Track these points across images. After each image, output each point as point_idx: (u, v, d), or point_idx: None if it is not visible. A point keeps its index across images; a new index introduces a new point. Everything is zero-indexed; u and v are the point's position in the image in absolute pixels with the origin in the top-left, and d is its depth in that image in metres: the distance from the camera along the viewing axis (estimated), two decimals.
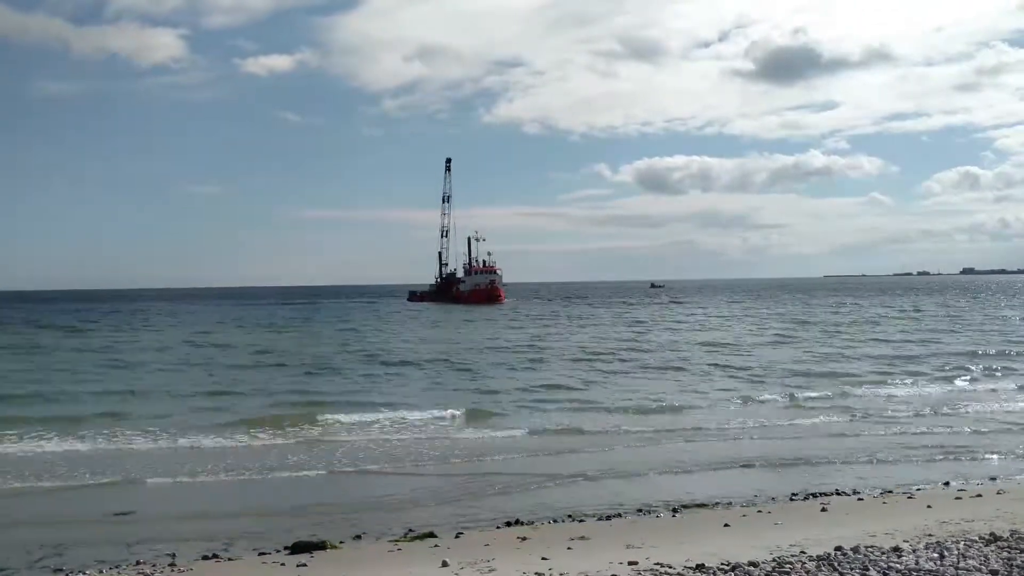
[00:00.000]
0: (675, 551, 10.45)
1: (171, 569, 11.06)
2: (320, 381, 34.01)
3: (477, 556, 10.74)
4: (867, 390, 29.96)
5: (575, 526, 13.04)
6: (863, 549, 10.07)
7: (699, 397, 28.58)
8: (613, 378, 34.40)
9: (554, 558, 10.44)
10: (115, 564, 11.45)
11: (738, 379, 33.51)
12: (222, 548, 12.20)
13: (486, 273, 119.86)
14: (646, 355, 43.44)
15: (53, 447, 20.07)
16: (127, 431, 21.76)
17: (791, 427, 22.89)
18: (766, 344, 49.61)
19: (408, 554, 11.37)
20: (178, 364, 40.73)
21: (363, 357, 43.55)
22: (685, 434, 21.75)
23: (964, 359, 39.75)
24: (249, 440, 21.13)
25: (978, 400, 27.54)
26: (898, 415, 24.55)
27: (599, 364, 39.37)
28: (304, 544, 11.90)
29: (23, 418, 23.87)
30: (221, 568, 11.19)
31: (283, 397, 29.13)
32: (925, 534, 10.95)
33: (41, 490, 16.22)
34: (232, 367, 39.30)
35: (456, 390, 30.96)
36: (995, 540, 10.35)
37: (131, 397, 29.02)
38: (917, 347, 46.13)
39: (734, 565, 9.48)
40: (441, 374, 36.31)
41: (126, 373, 36.78)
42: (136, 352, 47.51)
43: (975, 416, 24.22)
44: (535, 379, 33.83)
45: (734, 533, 11.81)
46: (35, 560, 11.78)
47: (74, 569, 11.25)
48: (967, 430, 21.95)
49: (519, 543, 11.68)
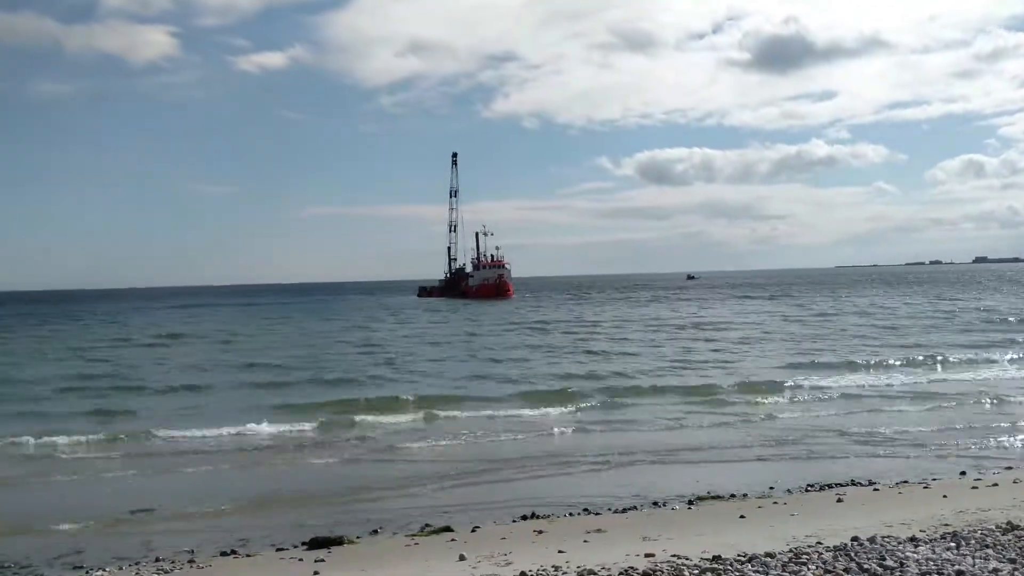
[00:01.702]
0: (691, 543, 10.47)
1: (190, 566, 11.14)
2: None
3: (494, 549, 10.78)
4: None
5: (591, 519, 13.06)
6: (879, 539, 10.07)
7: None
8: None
9: (570, 551, 10.47)
10: (134, 561, 11.53)
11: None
12: (240, 544, 12.28)
13: (494, 268, 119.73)
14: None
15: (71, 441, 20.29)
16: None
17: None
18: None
19: (425, 548, 11.42)
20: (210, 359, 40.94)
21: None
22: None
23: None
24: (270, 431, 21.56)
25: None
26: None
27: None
28: (321, 540, 11.94)
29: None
30: (239, 564, 11.25)
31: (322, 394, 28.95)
32: (942, 524, 10.94)
33: (59, 485, 16.38)
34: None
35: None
36: (1012, 529, 10.33)
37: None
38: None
39: (751, 556, 9.48)
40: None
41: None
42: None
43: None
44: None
45: (750, 524, 11.81)
46: (55, 557, 11.87)
47: (94, 566, 11.33)
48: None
49: (535, 536, 11.72)
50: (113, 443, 20.39)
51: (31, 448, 19.94)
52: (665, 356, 39.27)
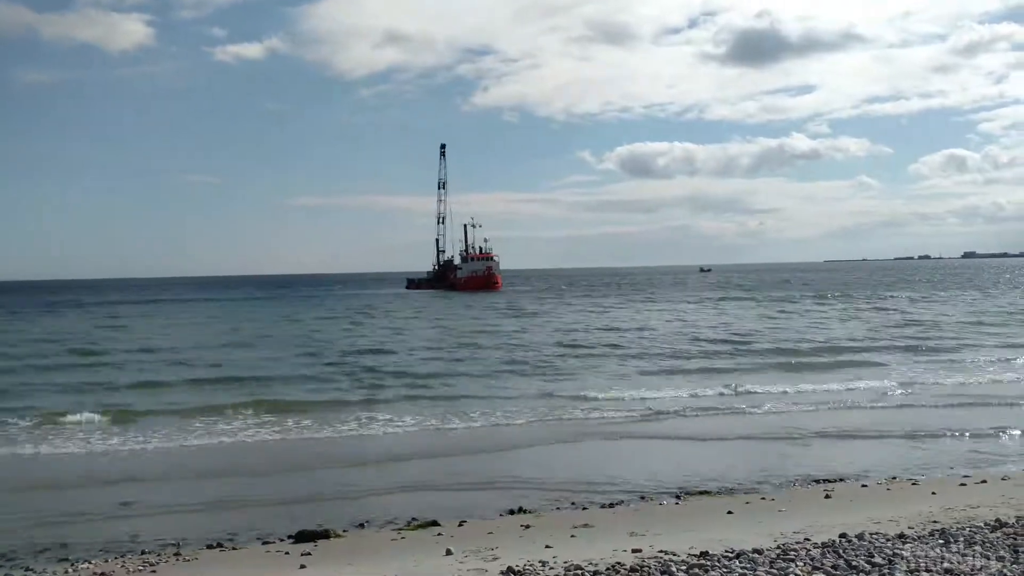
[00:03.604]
0: (679, 538, 10.44)
1: (176, 559, 11.06)
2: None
3: (481, 544, 10.74)
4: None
5: (578, 513, 13.03)
6: (868, 536, 10.05)
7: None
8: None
9: (557, 546, 10.42)
10: (120, 554, 11.44)
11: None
12: (227, 537, 12.20)
13: (483, 260, 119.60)
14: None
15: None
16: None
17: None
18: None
19: (412, 542, 11.37)
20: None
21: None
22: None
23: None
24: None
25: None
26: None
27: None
28: (308, 533, 11.89)
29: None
30: (226, 557, 11.19)
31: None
32: (930, 521, 10.94)
33: (45, 481, 16.27)
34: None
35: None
36: (1001, 526, 10.32)
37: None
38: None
39: (738, 552, 9.45)
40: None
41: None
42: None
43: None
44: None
45: (738, 520, 11.81)
46: (40, 551, 11.77)
47: (80, 559, 11.24)
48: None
49: (522, 531, 11.68)
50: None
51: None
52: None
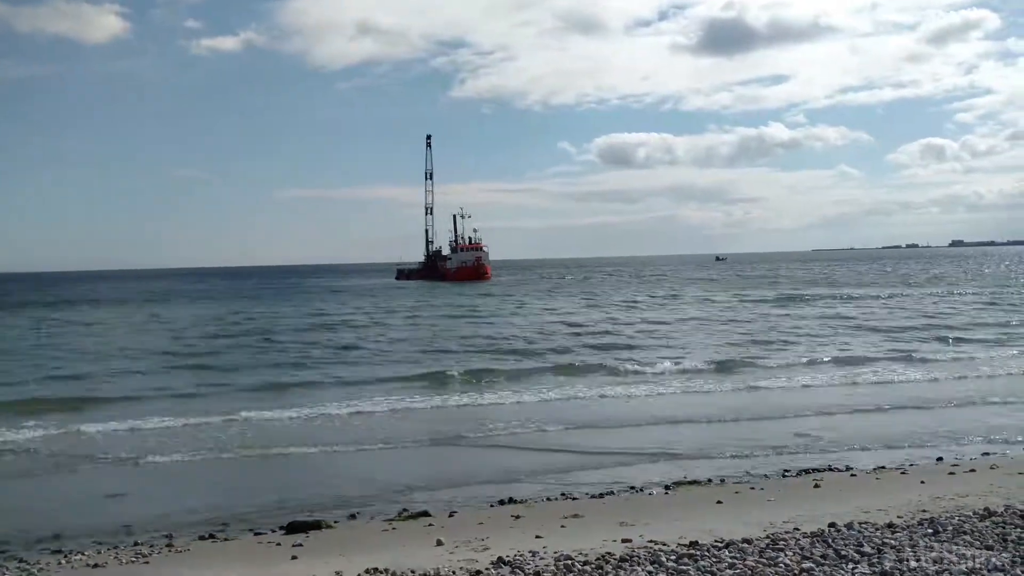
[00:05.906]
0: (668, 528, 10.47)
1: (168, 550, 11.05)
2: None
3: (471, 535, 10.76)
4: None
5: (568, 504, 13.05)
6: (857, 525, 10.12)
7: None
8: None
9: (548, 536, 10.47)
10: (113, 545, 11.43)
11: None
12: (218, 528, 12.22)
13: (472, 250, 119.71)
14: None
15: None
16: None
17: None
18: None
19: (403, 533, 11.39)
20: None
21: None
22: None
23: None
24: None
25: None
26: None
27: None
28: (299, 524, 11.91)
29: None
30: (218, 548, 11.18)
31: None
32: (919, 510, 11.00)
33: (36, 471, 16.23)
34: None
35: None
36: (989, 515, 10.39)
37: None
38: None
39: (728, 542, 9.50)
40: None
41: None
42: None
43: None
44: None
45: (727, 510, 11.83)
46: (33, 541, 11.76)
47: (73, 550, 11.22)
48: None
49: (513, 521, 11.70)
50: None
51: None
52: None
